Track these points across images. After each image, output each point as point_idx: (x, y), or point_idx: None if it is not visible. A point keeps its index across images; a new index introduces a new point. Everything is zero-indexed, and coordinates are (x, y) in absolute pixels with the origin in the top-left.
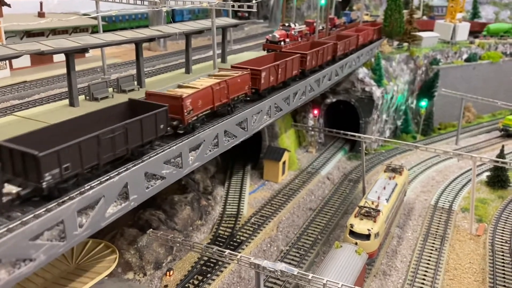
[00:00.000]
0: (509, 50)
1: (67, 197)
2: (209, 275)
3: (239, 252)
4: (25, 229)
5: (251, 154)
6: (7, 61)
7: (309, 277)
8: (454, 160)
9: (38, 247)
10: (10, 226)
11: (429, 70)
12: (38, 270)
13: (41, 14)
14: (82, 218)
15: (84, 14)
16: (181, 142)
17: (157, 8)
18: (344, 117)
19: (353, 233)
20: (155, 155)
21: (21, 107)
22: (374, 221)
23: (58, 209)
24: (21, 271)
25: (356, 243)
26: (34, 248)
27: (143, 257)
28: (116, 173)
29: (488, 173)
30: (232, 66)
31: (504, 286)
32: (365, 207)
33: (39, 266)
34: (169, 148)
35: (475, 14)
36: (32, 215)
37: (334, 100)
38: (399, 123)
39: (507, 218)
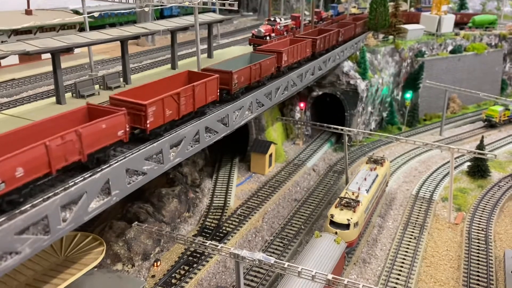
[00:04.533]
0: (494, 42)
1: (52, 193)
2: (195, 265)
3: (225, 243)
4: (10, 224)
5: (239, 147)
6: None
7: (285, 266)
8: (437, 151)
9: (23, 241)
10: None
11: (414, 62)
12: (27, 263)
13: (28, 12)
14: (65, 213)
15: (73, 10)
16: (163, 138)
17: (143, 7)
18: (330, 109)
19: (333, 223)
20: (138, 151)
21: (9, 105)
22: (354, 211)
23: (42, 205)
24: (7, 264)
25: (336, 233)
26: (19, 241)
27: (131, 248)
28: (99, 169)
29: (469, 163)
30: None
31: (478, 272)
32: (345, 198)
33: (25, 258)
34: (150, 145)
35: (462, 5)
36: (18, 211)
37: (320, 93)
38: (384, 114)
39: (484, 206)
